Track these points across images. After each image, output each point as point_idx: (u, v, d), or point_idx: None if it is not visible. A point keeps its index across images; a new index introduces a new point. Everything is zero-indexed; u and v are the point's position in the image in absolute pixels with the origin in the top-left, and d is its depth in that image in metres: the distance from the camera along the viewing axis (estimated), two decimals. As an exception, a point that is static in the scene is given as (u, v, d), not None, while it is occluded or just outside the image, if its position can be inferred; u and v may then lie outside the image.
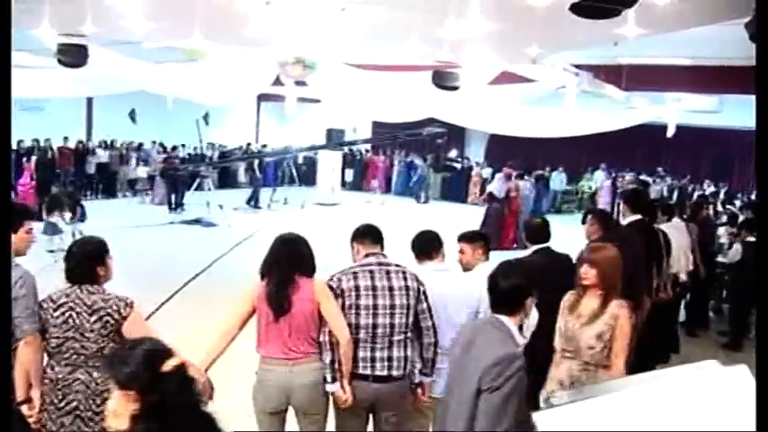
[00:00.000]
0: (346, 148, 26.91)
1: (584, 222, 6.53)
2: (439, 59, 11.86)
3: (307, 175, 26.00)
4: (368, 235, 4.59)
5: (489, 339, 3.36)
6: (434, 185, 26.31)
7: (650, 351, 4.67)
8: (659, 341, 7.25)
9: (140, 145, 23.72)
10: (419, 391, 4.55)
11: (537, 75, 14.16)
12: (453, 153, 28.65)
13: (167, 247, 14.08)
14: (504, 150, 26.06)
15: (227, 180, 25.52)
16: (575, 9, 5.60)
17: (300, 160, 26.96)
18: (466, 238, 5.08)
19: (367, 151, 29.54)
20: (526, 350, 3.71)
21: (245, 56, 14.51)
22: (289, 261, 4.25)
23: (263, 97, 27.03)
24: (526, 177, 19.57)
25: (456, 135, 27.44)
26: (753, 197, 21.45)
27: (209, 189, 19.69)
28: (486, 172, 24.96)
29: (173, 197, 19.29)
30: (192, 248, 13.83)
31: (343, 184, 25.46)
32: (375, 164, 28.27)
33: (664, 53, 13.00)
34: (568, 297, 4.44)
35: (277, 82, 17.14)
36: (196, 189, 19.87)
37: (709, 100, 19.18)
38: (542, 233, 5.57)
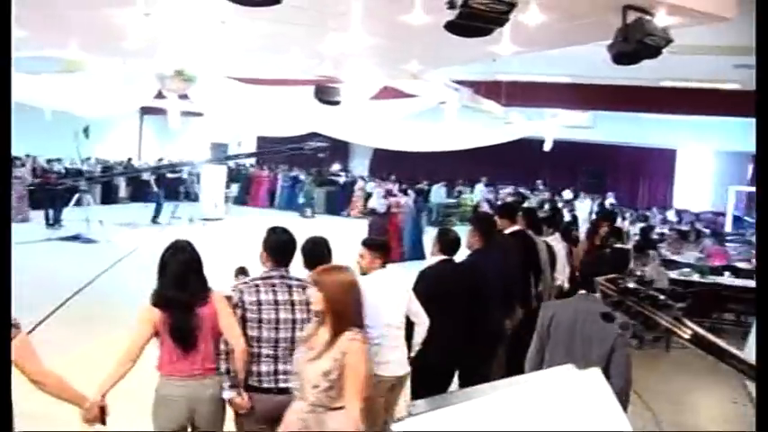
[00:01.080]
0: (231, 163, 26.55)
1: None
2: (321, 74, 11.86)
3: (189, 190, 25.49)
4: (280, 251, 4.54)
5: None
6: (318, 200, 26.28)
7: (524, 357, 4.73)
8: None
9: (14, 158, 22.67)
10: None
11: (418, 90, 14.36)
12: (336, 167, 28.72)
13: (44, 264, 13.48)
14: (389, 164, 26.38)
15: (109, 195, 24.69)
16: (449, 27, 5.71)
17: (185, 175, 26.45)
18: (367, 244, 5.21)
19: (252, 166, 29.25)
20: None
21: (127, 67, 14.11)
22: (185, 286, 4.17)
23: (145, 110, 26.38)
24: (409, 192, 19.82)
25: (340, 149, 27.57)
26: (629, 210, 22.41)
27: (89, 204, 19.00)
28: (370, 186, 25.16)
29: (50, 213, 18.52)
30: (71, 266, 13.29)
31: (227, 198, 25.11)
32: (260, 178, 28.01)
33: (541, 71, 13.44)
34: (309, 326, 4.02)
35: (160, 95, 16.75)
36: (75, 205, 19.14)
37: (583, 116, 19.99)
38: (456, 245, 5.84)
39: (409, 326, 5.16)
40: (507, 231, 7.06)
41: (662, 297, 1.53)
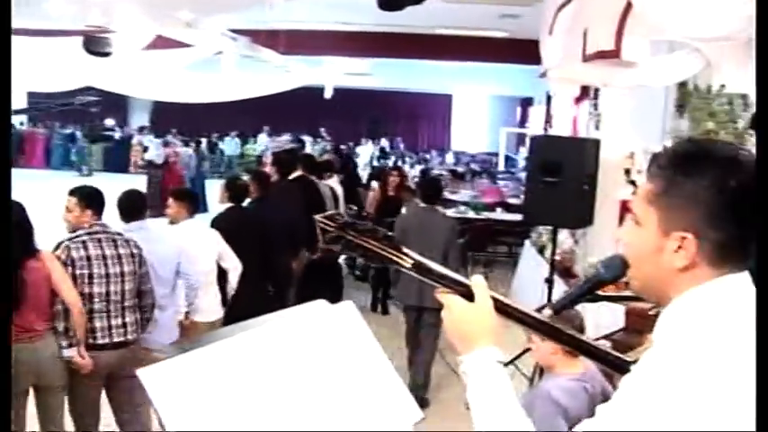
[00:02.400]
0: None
1: None
2: (89, 24, 11.11)
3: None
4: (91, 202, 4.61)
5: None
6: (96, 157, 24.84)
7: (314, 298, 4.78)
8: (324, 290, 7.58)
9: None
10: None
11: (193, 40, 13.81)
12: (110, 122, 27.24)
13: None
14: (170, 117, 25.33)
15: None
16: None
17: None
18: (174, 193, 5.62)
19: (21, 124, 26.97)
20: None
21: None
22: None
23: None
24: (190, 144, 19.31)
25: (117, 103, 26.10)
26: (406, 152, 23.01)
27: None
28: (148, 140, 24.07)
29: None
30: None
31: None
32: (33, 137, 25.91)
33: (319, 18, 13.37)
34: None
35: None
36: None
37: (362, 63, 20.17)
38: (243, 191, 6.27)
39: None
40: (290, 177, 7.45)
41: (381, 229, 1.57)
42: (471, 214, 11.69)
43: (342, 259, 9.45)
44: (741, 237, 1.36)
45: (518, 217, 10.79)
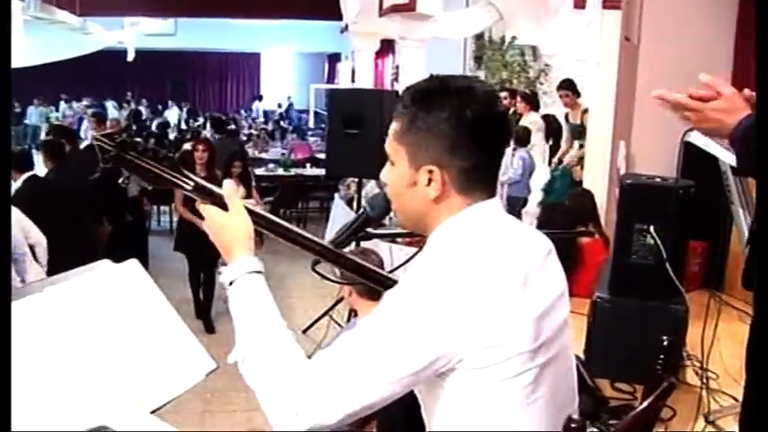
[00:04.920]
0: None
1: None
2: None
3: None
4: None
5: None
6: None
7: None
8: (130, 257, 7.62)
9: None
10: None
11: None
12: None
13: None
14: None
15: None
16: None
17: None
18: None
19: None
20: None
21: None
22: None
23: None
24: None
25: None
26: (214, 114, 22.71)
27: None
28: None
29: None
30: None
31: None
32: None
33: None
34: None
35: None
36: None
37: (165, 23, 19.64)
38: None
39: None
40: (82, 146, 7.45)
41: (162, 150, 1.57)
42: (281, 171, 11.76)
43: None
44: (484, 163, 1.46)
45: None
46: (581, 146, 7.04)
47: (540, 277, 1.44)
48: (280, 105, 25.51)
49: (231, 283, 1.51)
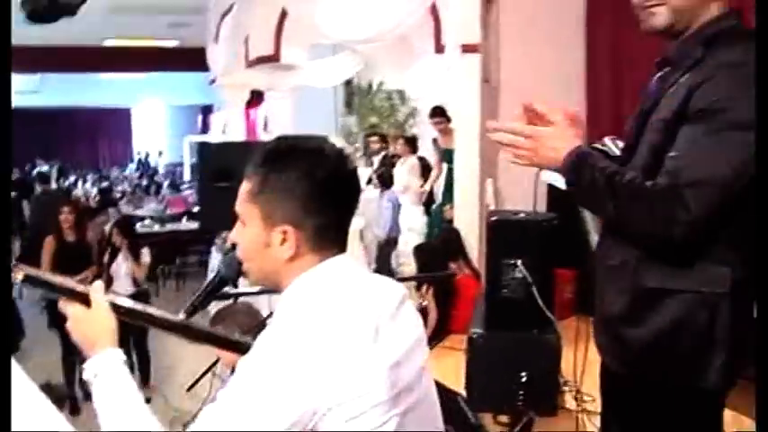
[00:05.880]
0: None
1: None
2: None
3: None
4: None
5: None
6: None
7: None
8: None
9: None
10: None
11: None
12: None
13: None
14: None
15: None
16: None
17: None
18: None
19: None
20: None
21: None
22: None
23: None
24: None
25: None
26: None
27: None
28: None
29: None
30: None
31: None
32: None
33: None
34: None
35: None
36: None
37: (31, 80, 19.17)
38: None
39: None
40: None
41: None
42: (157, 228, 11.46)
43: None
44: (336, 221, 1.48)
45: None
46: (450, 169, 7.19)
47: (392, 327, 1.45)
48: (147, 162, 25.09)
49: (90, 376, 1.52)
